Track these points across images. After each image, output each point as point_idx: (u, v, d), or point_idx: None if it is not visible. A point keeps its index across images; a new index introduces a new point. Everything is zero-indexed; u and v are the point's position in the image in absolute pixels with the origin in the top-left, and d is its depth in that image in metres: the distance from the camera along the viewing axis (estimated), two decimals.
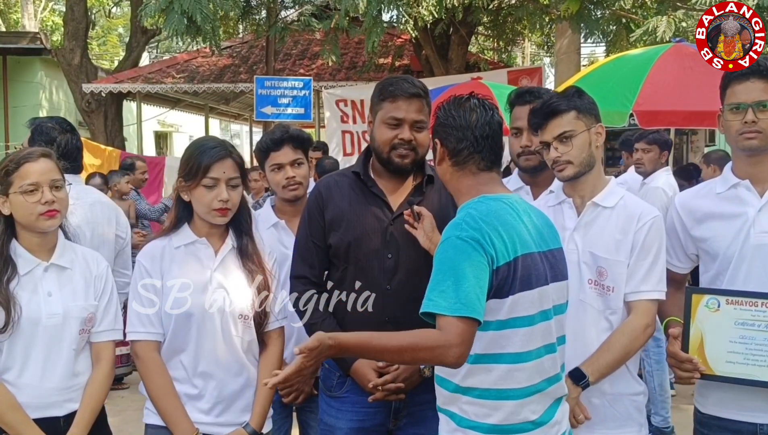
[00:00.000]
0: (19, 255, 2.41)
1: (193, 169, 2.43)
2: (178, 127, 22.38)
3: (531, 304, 2.04)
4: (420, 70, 12.17)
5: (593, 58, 21.18)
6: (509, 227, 2.04)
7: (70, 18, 12.59)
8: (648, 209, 2.44)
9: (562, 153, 2.42)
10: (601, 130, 2.47)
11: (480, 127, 2.15)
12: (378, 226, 2.53)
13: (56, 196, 2.41)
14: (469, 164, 2.16)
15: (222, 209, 2.45)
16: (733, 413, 2.39)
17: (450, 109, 2.19)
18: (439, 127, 2.21)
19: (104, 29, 27.55)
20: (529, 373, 2.05)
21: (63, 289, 2.45)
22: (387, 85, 2.53)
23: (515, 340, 2.03)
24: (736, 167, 2.50)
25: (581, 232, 2.44)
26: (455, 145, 2.16)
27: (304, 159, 3.04)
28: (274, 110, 9.96)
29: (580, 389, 2.31)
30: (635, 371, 2.50)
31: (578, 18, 8.73)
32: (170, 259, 2.47)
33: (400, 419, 2.56)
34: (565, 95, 2.48)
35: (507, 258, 2.00)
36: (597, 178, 2.48)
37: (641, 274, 2.39)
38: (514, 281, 2.00)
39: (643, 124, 5.48)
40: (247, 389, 2.53)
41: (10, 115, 14.44)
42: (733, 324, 2.33)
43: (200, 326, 2.44)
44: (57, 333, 2.40)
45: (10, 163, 2.41)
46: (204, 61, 14.12)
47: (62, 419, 2.42)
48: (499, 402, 2.04)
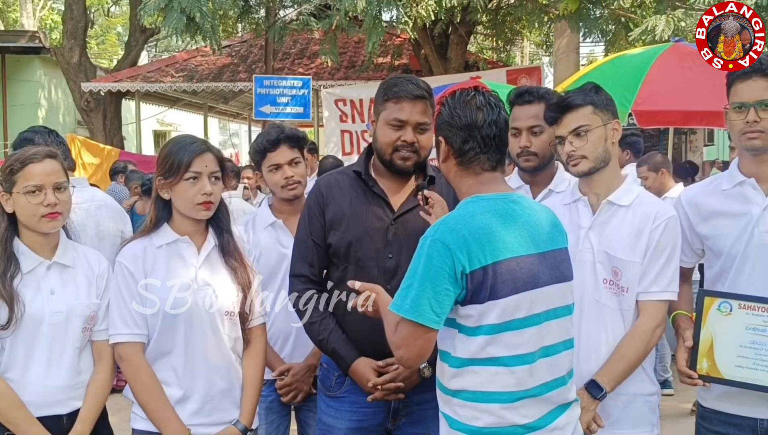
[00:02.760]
0: (22, 253, 2.41)
1: (174, 164, 2.41)
2: (177, 126, 22.34)
3: (517, 308, 1.99)
4: (419, 69, 12.16)
5: (592, 58, 21.19)
6: (489, 231, 1.99)
7: (69, 17, 12.59)
8: (664, 208, 2.42)
9: (577, 147, 2.39)
10: (617, 127, 2.44)
11: (487, 127, 2.08)
12: (379, 225, 2.53)
13: (59, 199, 2.40)
14: (474, 165, 2.11)
15: (206, 203, 2.44)
16: (735, 407, 2.40)
17: (455, 107, 2.11)
18: (443, 125, 2.13)
19: (103, 28, 27.52)
20: (517, 377, 2.00)
21: (66, 287, 2.44)
22: (391, 86, 2.51)
23: (500, 344, 1.99)
24: (742, 165, 2.48)
25: (596, 231, 2.41)
26: (461, 145, 2.09)
27: (300, 158, 3.03)
28: (273, 109, 9.96)
29: (599, 402, 2.29)
30: (650, 370, 2.48)
31: (577, 17, 8.73)
32: (153, 259, 2.45)
33: (398, 419, 2.55)
34: (583, 90, 2.46)
35: (482, 262, 1.95)
36: (612, 175, 2.45)
37: (653, 274, 2.36)
38: (494, 286, 1.96)
39: (642, 124, 5.49)
40: (234, 387, 2.52)
41: (8, 113, 14.45)
42: (744, 329, 2.32)
43: (188, 325, 2.42)
44: (60, 331, 2.40)
45: (15, 163, 2.40)
46: (203, 60, 14.12)
47: (65, 417, 2.41)
48: (485, 405, 2.00)
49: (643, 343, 2.35)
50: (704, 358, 2.37)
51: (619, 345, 2.36)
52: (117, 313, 2.42)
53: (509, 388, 2.00)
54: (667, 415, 5.28)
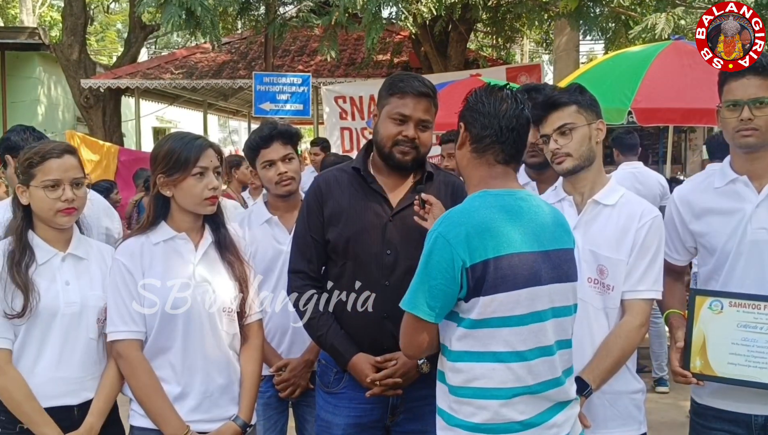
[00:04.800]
0: (37, 245, 2.44)
1: (180, 161, 2.42)
2: (177, 123, 22.33)
3: (517, 305, 2.01)
4: (419, 66, 12.15)
5: (592, 56, 21.19)
6: (492, 226, 2.01)
7: (69, 13, 12.58)
8: (649, 208, 2.44)
9: (561, 145, 2.42)
10: (602, 127, 2.46)
11: (507, 118, 2.11)
12: (377, 222, 2.53)
13: (76, 195, 2.44)
14: (488, 154, 2.13)
15: (213, 197, 2.46)
16: (729, 404, 2.41)
17: (482, 95, 2.15)
18: (466, 112, 2.17)
19: (102, 25, 27.50)
20: (516, 374, 2.01)
21: (80, 278, 2.46)
22: (397, 81, 2.53)
23: (499, 340, 2.01)
24: (735, 163, 2.50)
25: (581, 230, 2.42)
26: (479, 131, 2.12)
27: (294, 154, 3.05)
28: (272, 106, 9.96)
29: (584, 399, 2.29)
30: (634, 368, 2.50)
31: (577, 15, 8.74)
32: (150, 256, 2.45)
33: (397, 415, 2.56)
34: (567, 90, 2.50)
35: (483, 256, 1.98)
36: (597, 174, 2.48)
37: (639, 273, 2.38)
38: (495, 280, 1.98)
39: (642, 122, 5.48)
40: (232, 383, 2.52)
41: (8, 110, 14.44)
42: (735, 326, 2.33)
43: (187, 322, 2.42)
44: (74, 322, 2.41)
45: (35, 156, 2.42)
46: (203, 57, 14.11)
47: (76, 408, 2.42)
48: (482, 401, 2.02)
49: (629, 341, 2.37)
50: (697, 357, 2.38)
51: (604, 342, 2.37)
52: (115, 310, 2.42)
53: (507, 384, 2.02)
54: (663, 412, 5.33)
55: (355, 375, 2.53)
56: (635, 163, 6.01)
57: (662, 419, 5.14)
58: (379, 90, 2.61)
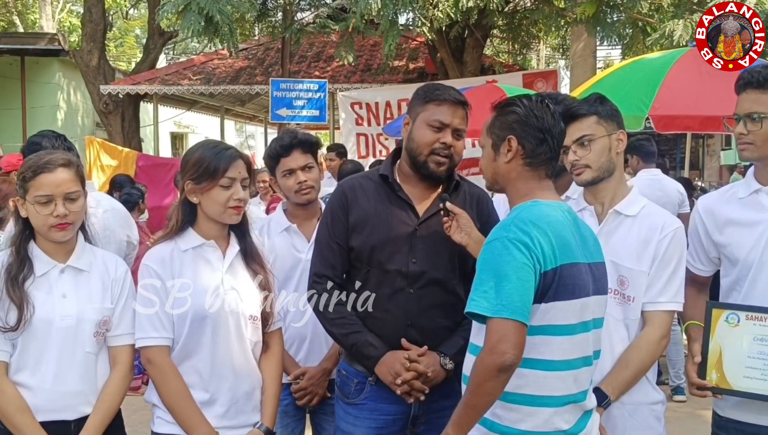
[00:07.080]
0: (36, 256, 2.42)
1: (209, 170, 2.43)
2: (194, 129, 22.47)
3: (572, 314, 2.02)
4: (435, 72, 12.16)
5: (609, 61, 21.09)
6: (558, 234, 2.02)
7: (88, 19, 12.69)
8: (671, 220, 2.43)
9: (580, 156, 2.41)
10: (622, 137, 2.45)
11: (558, 135, 2.14)
12: (403, 230, 2.53)
13: (69, 209, 2.39)
14: (541, 169, 2.13)
15: (238, 207, 2.47)
16: (752, 417, 2.38)
17: (533, 108, 2.13)
18: (516, 124, 2.13)
19: (121, 31, 27.73)
20: (566, 382, 2.03)
21: (79, 291, 2.44)
22: (433, 89, 2.54)
23: (554, 348, 2.02)
24: (758, 173, 2.48)
25: (603, 241, 2.40)
26: (535, 146, 2.11)
27: (314, 162, 3.05)
28: (289, 112, 9.99)
29: (603, 409, 2.29)
30: (654, 379, 2.49)
31: (594, 21, 8.71)
32: (180, 263, 2.46)
33: (417, 426, 2.56)
34: (587, 101, 2.49)
35: (554, 264, 1.98)
36: (617, 185, 2.47)
37: (660, 284, 2.37)
38: (558, 288, 1.99)
39: (659, 129, 5.45)
40: (255, 390, 2.54)
41: (28, 115, 14.57)
42: (752, 339, 2.32)
43: (215, 329, 2.44)
44: (70, 335, 2.38)
45: (28, 171, 2.40)
46: (220, 63, 14.20)
47: (73, 423, 2.39)
48: (534, 408, 2.02)
49: (649, 353, 2.36)
50: (713, 370, 2.37)
51: (624, 354, 2.37)
52: (145, 316, 2.42)
53: (557, 392, 2.04)
54: (681, 421, 5.28)
55: (384, 373, 2.49)
56: (654, 170, 5.98)
57: (681, 429, 5.09)
58: (411, 98, 2.62)
